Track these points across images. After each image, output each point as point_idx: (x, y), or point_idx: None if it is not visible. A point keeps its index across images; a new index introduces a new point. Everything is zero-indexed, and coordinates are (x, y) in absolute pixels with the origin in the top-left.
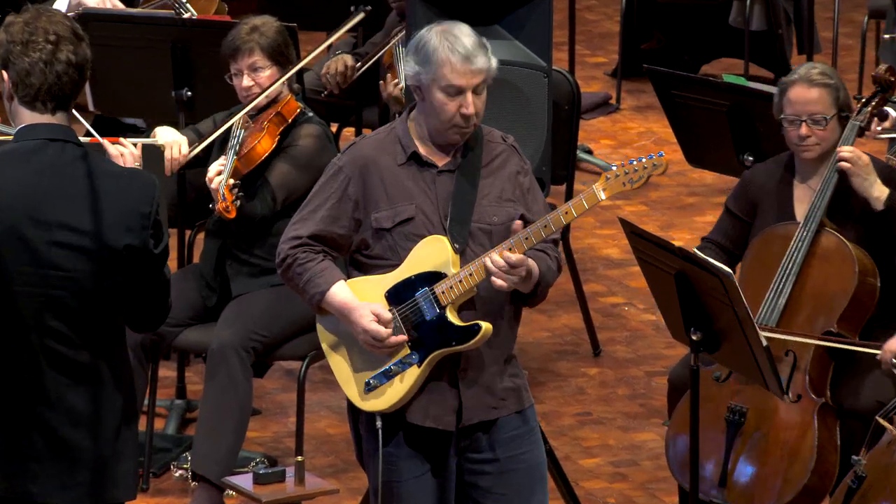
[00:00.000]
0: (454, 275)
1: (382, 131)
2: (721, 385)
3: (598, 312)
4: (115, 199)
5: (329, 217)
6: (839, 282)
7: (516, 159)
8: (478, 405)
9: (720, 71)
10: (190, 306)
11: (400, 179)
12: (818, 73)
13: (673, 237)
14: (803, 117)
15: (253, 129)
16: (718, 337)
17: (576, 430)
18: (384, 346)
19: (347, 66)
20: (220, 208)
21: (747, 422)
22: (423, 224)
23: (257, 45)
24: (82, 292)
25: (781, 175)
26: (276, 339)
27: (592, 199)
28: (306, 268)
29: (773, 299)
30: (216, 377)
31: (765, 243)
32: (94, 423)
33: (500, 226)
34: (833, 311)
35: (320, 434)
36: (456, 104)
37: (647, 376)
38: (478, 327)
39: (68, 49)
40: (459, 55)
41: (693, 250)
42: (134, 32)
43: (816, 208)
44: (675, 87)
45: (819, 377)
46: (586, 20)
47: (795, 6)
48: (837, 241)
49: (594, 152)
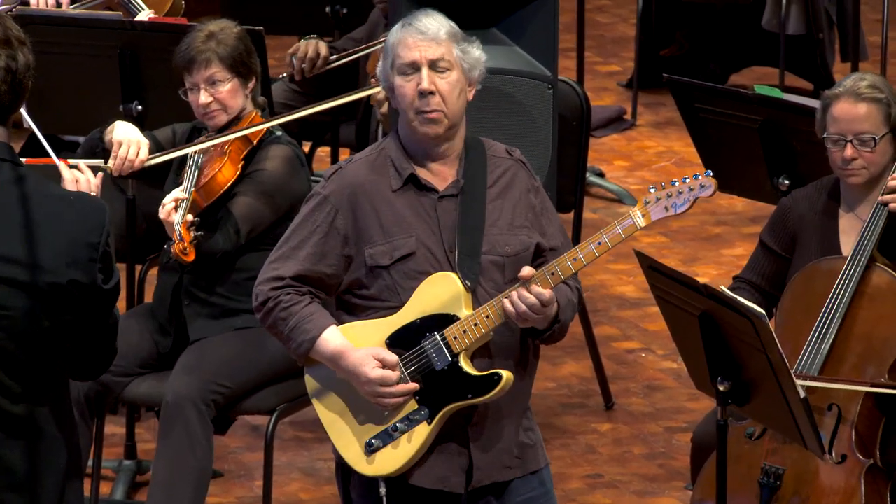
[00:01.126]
0: (468, 317)
1: (371, 152)
2: (754, 443)
3: (610, 360)
4: (58, 227)
5: (315, 255)
6: (891, 325)
7: (525, 175)
8: (490, 465)
9: (751, 81)
10: (141, 353)
11: (396, 208)
12: (867, 86)
13: (697, 273)
14: (849, 137)
15: (213, 154)
16: (749, 388)
17: (585, 495)
18: (392, 395)
19: (320, 55)
20: (177, 250)
21: (784, 485)
22: (426, 259)
23: (215, 55)
24: (19, 334)
25: (825, 203)
26: (241, 390)
27: (630, 229)
28: (291, 312)
29: (815, 345)
30: (171, 434)
31: (806, 281)
32: (32, 483)
33: (514, 257)
34: (884, 359)
35: (291, 499)
36: (412, 84)
37: (666, 433)
38: (499, 377)
39: (6, 54)
40: (412, 28)
41: (720, 288)
42: (76, 37)
43: (866, 241)
44: (699, 100)
45: (868, 435)
46: (597, 23)
47: (839, 7)
48: (890, 278)
49: (606, 175)
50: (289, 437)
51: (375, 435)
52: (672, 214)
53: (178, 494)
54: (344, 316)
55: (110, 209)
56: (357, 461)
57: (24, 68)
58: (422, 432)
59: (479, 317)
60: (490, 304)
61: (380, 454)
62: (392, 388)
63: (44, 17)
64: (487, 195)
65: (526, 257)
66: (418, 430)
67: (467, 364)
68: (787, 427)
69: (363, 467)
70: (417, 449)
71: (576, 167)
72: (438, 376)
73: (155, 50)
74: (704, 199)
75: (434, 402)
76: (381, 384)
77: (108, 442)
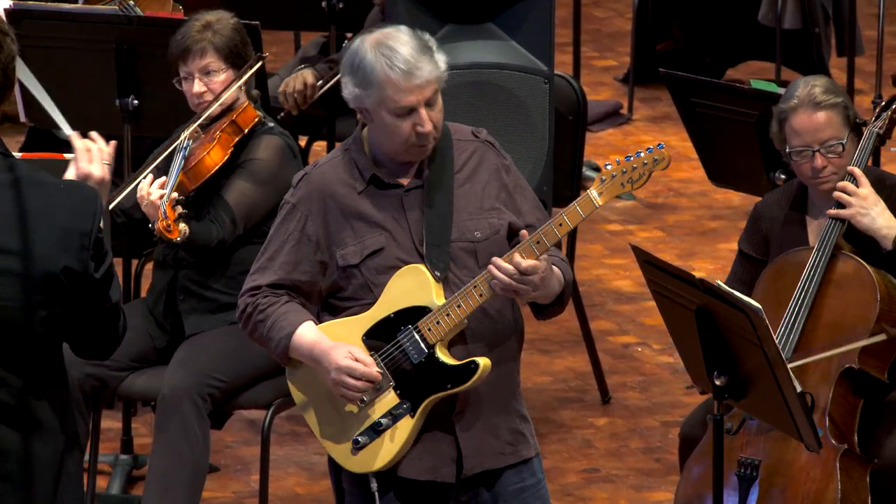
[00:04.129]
0: (440, 307)
1: (335, 155)
2: (731, 438)
3: (607, 354)
4: (50, 216)
5: (289, 263)
6: (858, 310)
7: (493, 156)
8: (480, 452)
9: (748, 76)
10: (137, 348)
11: (363, 209)
12: (822, 93)
13: (693, 267)
14: (815, 147)
15: (203, 140)
16: (745, 382)
17: (582, 489)
18: (358, 381)
19: (307, 84)
20: (161, 227)
21: (761, 477)
22: (395, 254)
23: (210, 45)
24: (16, 324)
25: (794, 205)
26: (237, 384)
27: (588, 207)
28: (268, 313)
29: (784, 334)
30: (168, 429)
31: (775, 273)
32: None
33: (485, 241)
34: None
35: (287, 494)
36: (409, 124)
37: (663, 427)
38: (475, 365)
39: None
40: (400, 71)
41: (717, 282)
42: (72, 31)
43: (831, 230)
44: (695, 95)
45: (843, 419)
46: (593, 17)
47: (835, 2)
48: (856, 264)
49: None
50: (285, 432)
51: (361, 432)
52: (629, 189)
53: (174, 489)
54: (327, 317)
55: None
56: (345, 459)
57: (8, 59)
58: (406, 426)
59: (451, 306)
60: (460, 292)
61: (367, 451)
62: (357, 380)
63: (39, 11)
64: (455, 181)
65: (498, 240)
66: (402, 423)
67: (444, 354)
68: (783, 421)
69: (352, 465)
70: (403, 443)
71: (572, 162)
72: (417, 369)
73: (151, 44)
74: (661, 170)
75: (415, 394)
76: (348, 373)
77: (105, 436)
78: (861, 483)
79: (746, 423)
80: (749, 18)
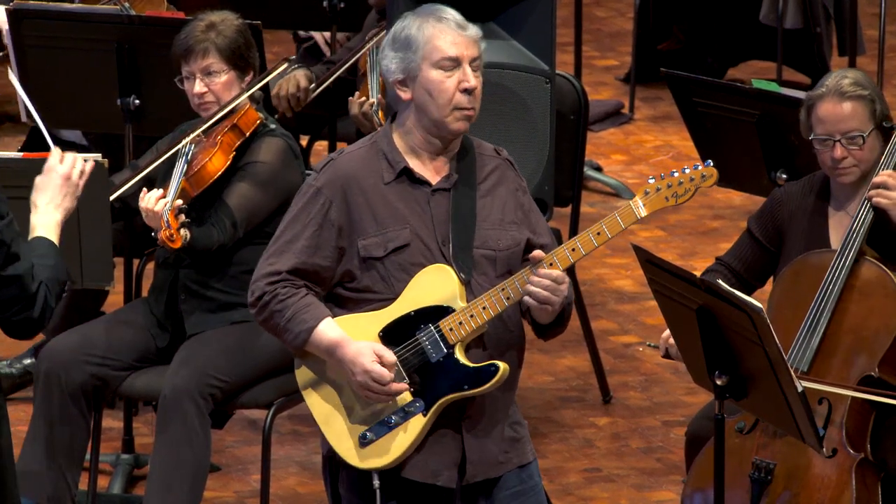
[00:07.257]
0: (464, 309)
1: (362, 145)
2: (745, 437)
3: (608, 353)
4: None
5: (310, 247)
6: (881, 318)
7: (513, 175)
8: (483, 459)
9: (749, 75)
10: (137, 347)
11: (388, 200)
12: (850, 84)
13: (694, 267)
14: (837, 137)
15: (205, 145)
16: (747, 382)
17: (583, 489)
18: (383, 392)
19: (300, 87)
20: (164, 236)
21: (774, 480)
22: (419, 251)
23: (213, 46)
24: None
25: (815, 199)
26: (238, 384)
27: (630, 218)
28: (288, 304)
29: (804, 339)
30: (169, 428)
31: (795, 275)
32: None
33: (506, 251)
34: (874, 353)
35: (288, 493)
36: (455, 79)
37: (664, 427)
38: (495, 368)
39: None
40: (450, 23)
41: (718, 282)
42: (73, 31)
43: (855, 234)
44: (697, 94)
45: (857, 429)
46: (595, 17)
47: (836, 1)
48: (879, 271)
49: (604, 169)
50: (286, 431)
51: (370, 428)
52: (673, 204)
53: (175, 488)
54: (335, 309)
55: (108, 204)
56: (350, 454)
57: None
58: (416, 425)
59: (476, 308)
60: (486, 295)
61: (374, 447)
62: (384, 387)
63: (40, 11)
64: (478, 191)
65: (517, 252)
66: (413, 422)
67: (463, 356)
68: (784, 421)
69: (357, 460)
70: (412, 441)
71: (573, 161)
72: (434, 368)
73: (152, 44)
74: (704, 191)
75: (430, 394)
76: (375, 379)
77: (106, 436)
78: (874, 491)
79: (763, 424)
80: (750, 18)
